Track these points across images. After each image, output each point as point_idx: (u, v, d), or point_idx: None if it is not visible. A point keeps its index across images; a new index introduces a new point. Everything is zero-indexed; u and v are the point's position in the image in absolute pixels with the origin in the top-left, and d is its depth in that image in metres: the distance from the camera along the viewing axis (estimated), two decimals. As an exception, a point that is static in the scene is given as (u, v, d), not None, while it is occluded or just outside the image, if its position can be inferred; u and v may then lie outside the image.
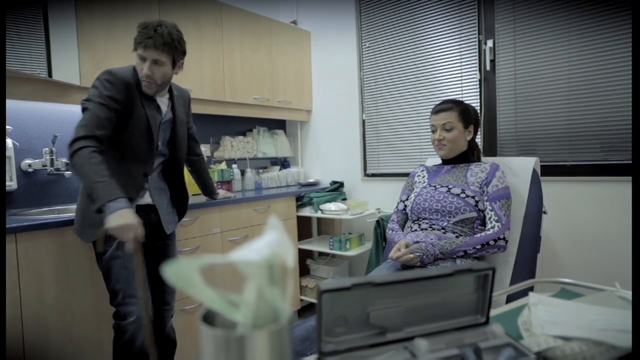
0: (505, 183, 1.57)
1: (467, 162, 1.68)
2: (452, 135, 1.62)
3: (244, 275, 0.31)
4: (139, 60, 1.43)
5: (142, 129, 1.47)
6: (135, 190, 1.49)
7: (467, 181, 1.60)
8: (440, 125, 1.64)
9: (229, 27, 2.56)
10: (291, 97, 3.01)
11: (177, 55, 1.50)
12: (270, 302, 0.30)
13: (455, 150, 1.66)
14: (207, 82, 2.44)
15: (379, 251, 2.45)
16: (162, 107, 1.56)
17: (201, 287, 0.28)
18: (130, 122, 1.45)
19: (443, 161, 1.74)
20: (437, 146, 1.67)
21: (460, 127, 1.64)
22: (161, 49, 1.41)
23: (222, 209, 2.22)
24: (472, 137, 1.69)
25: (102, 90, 1.38)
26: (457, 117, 1.63)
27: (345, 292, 0.48)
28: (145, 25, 1.42)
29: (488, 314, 0.58)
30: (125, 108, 1.43)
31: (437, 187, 1.62)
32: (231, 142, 2.85)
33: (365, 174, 2.93)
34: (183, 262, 0.27)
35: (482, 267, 0.57)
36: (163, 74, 1.47)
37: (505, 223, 1.49)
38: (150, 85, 1.46)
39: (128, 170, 1.47)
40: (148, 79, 1.44)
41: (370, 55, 2.84)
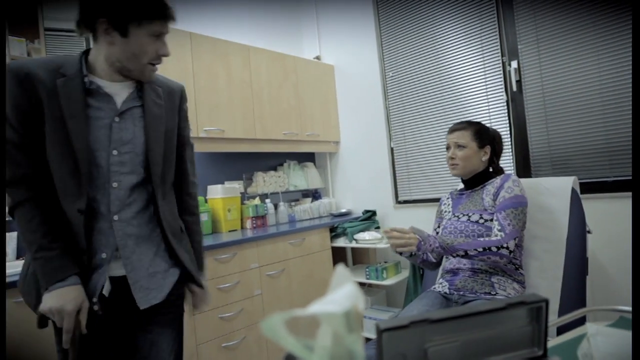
0: (515, 192, 1.51)
1: (483, 182, 1.66)
2: (463, 153, 1.62)
3: (317, 321, 0.34)
4: (147, 39, 0.99)
5: (60, 138, 0.96)
6: (75, 239, 0.98)
7: (483, 204, 1.58)
8: (454, 143, 1.65)
9: (256, 68, 2.69)
10: (319, 129, 3.09)
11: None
12: (349, 347, 0.32)
13: (469, 169, 1.64)
14: (239, 121, 2.56)
15: (417, 279, 2.42)
16: (114, 95, 1.03)
17: (285, 336, 0.32)
18: (46, 132, 0.96)
19: (463, 184, 1.73)
20: (450, 165, 1.67)
21: (474, 146, 1.62)
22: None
23: (259, 244, 2.27)
24: (488, 158, 1.67)
25: (6, 105, 0.94)
26: (470, 136, 1.63)
27: (403, 330, 0.49)
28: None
29: (545, 347, 0.57)
30: (36, 112, 0.95)
31: (460, 216, 1.61)
32: (263, 177, 2.93)
33: (397, 201, 2.93)
34: (273, 318, 0.31)
35: (534, 300, 0.57)
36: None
37: (508, 232, 1.43)
38: (155, 69, 1.07)
39: (62, 212, 0.98)
40: (161, 60, 1.06)
41: (395, 83, 2.90)
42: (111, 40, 0.98)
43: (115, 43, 0.98)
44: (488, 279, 1.46)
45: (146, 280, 1.04)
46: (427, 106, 2.73)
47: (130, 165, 1.03)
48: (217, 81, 2.46)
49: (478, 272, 1.49)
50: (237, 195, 2.67)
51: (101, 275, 1.00)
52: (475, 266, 1.50)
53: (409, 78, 2.81)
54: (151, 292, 1.04)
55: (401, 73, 2.85)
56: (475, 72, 2.49)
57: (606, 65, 2.02)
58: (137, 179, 1.05)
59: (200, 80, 2.37)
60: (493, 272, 1.48)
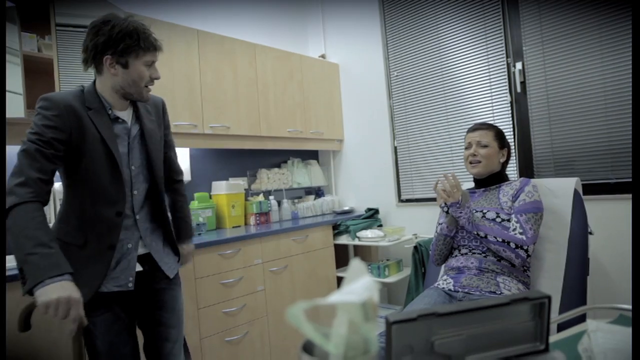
0: (535, 198, 1.56)
1: (499, 182, 1.69)
2: (486, 151, 1.65)
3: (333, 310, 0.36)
4: (143, 67, 1.24)
5: (100, 157, 1.20)
6: (110, 235, 1.22)
7: (500, 203, 1.60)
8: (476, 141, 1.67)
9: (262, 66, 2.71)
10: (323, 127, 3.10)
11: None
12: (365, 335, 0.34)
13: (489, 169, 1.67)
14: (244, 118, 2.58)
15: (418, 277, 2.44)
16: (127, 122, 1.29)
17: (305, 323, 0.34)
18: (85, 154, 1.18)
19: (475, 183, 1.75)
20: (470, 162, 1.69)
21: (496, 146, 1.67)
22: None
23: (263, 240, 2.29)
24: (505, 161, 1.71)
25: (37, 122, 1.13)
26: (493, 137, 1.68)
27: (411, 323, 0.52)
28: (136, 28, 1.22)
29: (547, 341, 0.60)
30: (74, 138, 1.16)
31: (473, 212, 1.63)
32: (267, 174, 2.95)
33: (399, 199, 2.95)
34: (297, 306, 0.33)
35: (537, 296, 0.59)
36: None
37: (530, 237, 1.48)
38: (150, 89, 1.31)
39: (97, 214, 1.20)
40: (154, 82, 1.30)
41: (399, 83, 2.91)
42: (115, 72, 1.21)
43: (118, 74, 1.22)
44: (494, 278, 1.48)
45: (165, 258, 1.37)
46: (431, 106, 2.74)
47: (142, 176, 1.31)
48: (223, 78, 2.48)
49: (484, 271, 1.51)
50: (241, 191, 2.69)
51: (131, 260, 1.27)
52: (482, 265, 1.52)
53: (414, 78, 2.82)
54: (171, 266, 1.39)
55: (406, 72, 2.86)
56: (480, 73, 2.50)
57: (609, 67, 2.03)
58: (147, 186, 1.33)
59: (207, 77, 2.39)
60: (499, 272, 1.50)
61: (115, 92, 1.25)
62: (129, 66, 1.22)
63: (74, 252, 1.15)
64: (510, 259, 1.48)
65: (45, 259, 1.00)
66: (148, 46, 1.23)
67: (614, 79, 2.02)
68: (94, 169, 1.19)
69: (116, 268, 1.24)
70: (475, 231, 1.52)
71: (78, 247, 1.18)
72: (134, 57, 1.21)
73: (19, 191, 1.05)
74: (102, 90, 1.24)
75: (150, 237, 1.33)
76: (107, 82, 1.23)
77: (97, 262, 1.19)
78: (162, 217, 1.38)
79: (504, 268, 1.50)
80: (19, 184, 1.06)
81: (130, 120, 1.30)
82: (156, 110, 1.40)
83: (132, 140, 1.29)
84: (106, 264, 1.21)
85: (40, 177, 1.09)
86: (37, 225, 1.03)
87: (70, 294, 0.98)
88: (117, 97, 1.25)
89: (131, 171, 1.28)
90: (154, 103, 1.40)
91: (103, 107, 1.23)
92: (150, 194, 1.34)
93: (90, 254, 1.19)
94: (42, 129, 1.12)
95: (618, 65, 2.01)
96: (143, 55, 1.23)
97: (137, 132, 1.31)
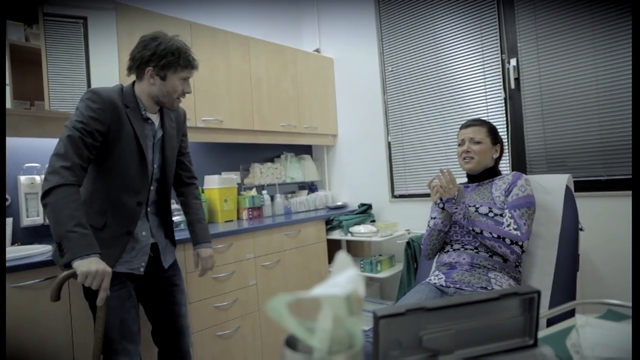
0: (528, 192, 1.57)
1: (492, 177, 1.69)
2: (479, 148, 1.66)
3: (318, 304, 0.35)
4: (178, 82, 1.41)
5: (132, 151, 1.36)
6: (130, 222, 1.38)
7: (492, 197, 1.60)
8: (469, 138, 1.67)
9: (256, 59, 2.68)
10: (317, 122, 3.09)
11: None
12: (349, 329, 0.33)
13: (482, 164, 1.68)
14: (237, 112, 2.55)
15: (410, 272, 2.44)
16: (155, 124, 1.47)
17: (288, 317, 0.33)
18: (118, 146, 1.33)
19: (468, 178, 1.75)
20: (463, 159, 1.69)
21: (489, 142, 1.68)
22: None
23: (255, 235, 2.28)
24: (498, 156, 1.71)
25: (84, 112, 1.27)
26: (486, 133, 1.69)
27: (399, 318, 0.51)
28: (180, 47, 1.40)
29: (536, 336, 0.59)
30: (112, 130, 1.31)
31: (468, 208, 1.63)
32: (260, 168, 2.94)
33: (393, 195, 2.95)
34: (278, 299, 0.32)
35: (527, 291, 0.59)
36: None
37: (524, 232, 1.49)
38: (181, 101, 1.49)
39: (120, 201, 1.36)
40: (185, 95, 1.47)
41: (394, 78, 2.90)
42: (153, 82, 1.39)
43: (156, 84, 1.39)
44: (485, 274, 1.49)
45: (164, 251, 1.52)
46: (426, 102, 2.73)
47: (158, 174, 1.48)
48: (216, 71, 2.46)
49: (476, 266, 1.51)
50: (234, 185, 2.67)
51: (144, 247, 1.43)
52: (474, 261, 1.52)
53: (408, 73, 2.81)
54: (167, 258, 1.54)
55: (400, 68, 2.85)
56: (475, 69, 2.50)
57: (603, 65, 2.04)
58: (158, 184, 1.49)
59: (200, 70, 2.32)
60: (491, 268, 1.50)
61: (150, 98, 1.42)
62: (166, 79, 1.39)
63: (92, 233, 1.24)
64: (505, 255, 1.49)
65: (83, 238, 1.17)
66: (186, 64, 1.41)
67: (607, 76, 2.03)
68: (124, 160, 1.34)
69: (131, 252, 1.40)
70: (470, 227, 1.52)
71: (97, 229, 1.30)
72: (172, 72, 1.39)
73: (64, 173, 1.19)
74: (140, 93, 1.42)
75: (157, 229, 1.50)
76: (145, 88, 1.41)
77: (113, 245, 1.33)
78: (166, 214, 1.54)
79: (495, 264, 1.51)
80: (65, 167, 1.20)
81: (157, 125, 1.47)
82: (177, 118, 1.58)
83: (156, 142, 1.47)
84: (122, 248, 1.36)
85: (81, 163, 1.24)
86: (77, 207, 1.18)
87: (104, 267, 1.18)
88: (151, 102, 1.43)
89: (153, 168, 1.45)
90: (176, 113, 1.58)
91: (138, 107, 1.40)
92: (159, 191, 1.50)
93: (108, 237, 1.33)
94: (87, 119, 1.26)
95: (611, 63, 2.01)
96: (181, 71, 1.41)
97: (160, 136, 1.48)
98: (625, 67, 1.98)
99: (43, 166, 1.93)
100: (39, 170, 1.92)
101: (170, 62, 1.37)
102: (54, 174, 1.19)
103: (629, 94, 1.98)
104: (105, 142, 1.31)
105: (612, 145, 2.04)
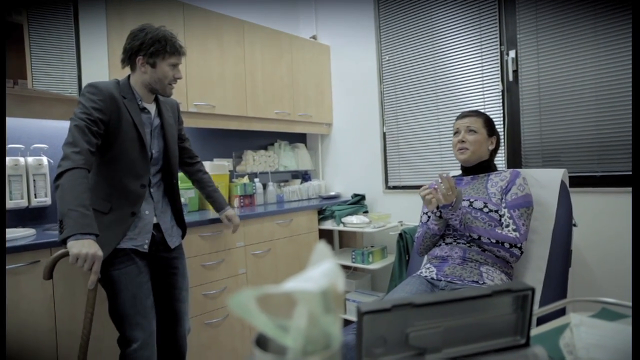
0: (526, 191, 1.54)
1: (487, 172, 1.66)
2: (475, 137, 1.62)
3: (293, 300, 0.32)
4: (168, 68, 1.50)
5: (132, 138, 1.46)
6: (134, 203, 1.47)
7: (488, 193, 1.58)
8: (465, 127, 1.64)
9: (250, 44, 2.62)
10: (312, 110, 3.04)
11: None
12: (324, 329, 0.30)
13: (477, 156, 1.64)
14: (230, 98, 2.50)
15: (402, 264, 2.43)
16: (151, 114, 1.57)
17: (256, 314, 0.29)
18: (119, 135, 1.43)
19: (463, 171, 1.73)
20: (458, 149, 1.66)
21: (484, 133, 1.65)
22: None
23: (245, 223, 2.24)
24: (494, 149, 1.68)
25: (86, 104, 1.37)
26: (482, 124, 1.65)
27: (385, 313, 0.48)
28: (166, 35, 1.49)
29: (528, 336, 0.57)
30: (112, 120, 1.42)
31: (465, 214, 1.60)
32: (253, 156, 2.89)
33: (386, 186, 2.92)
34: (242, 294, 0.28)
35: (521, 287, 0.56)
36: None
37: (523, 233, 1.46)
38: (173, 87, 1.57)
39: (125, 186, 1.45)
40: (176, 81, 1.56)
41: (390, 68, 2.85)
42: (144, 70, 1.49)
43: (147, 72, 1.49)
44: (477, 267, 1.47)
45: (170, 231, 1.61)
46: (422, 92, 2.69)
47: (158, 158, 1.58)
48: (209, 55, 2.39)
49: (468, 260, 1.49)
50: (225, 172, 2.63)
51: (147, 224, 1.52)
52: (467, 255, 1.50)
53: (405, 63, 2.76)
54: (173, 238, 1.62)
55: (398, 57, 2.80)
56: (473, 60, 2.46)
57: (603, 62, 2.01)
58: (160, 167, 1.59)
59: (192, 53, 2.29)
60: (483, 262, 1.48)
61: (144, 87, 1.51)
62: (156, 66, 1.48)
63: (98, 217, 1.33)
64: (505, 258, 1.47)
65: (83, 218, 1.22)
66: (173, 51, 1.50)
67: (606, 72, 2.00)
68: (126, 147, 1.44)
69: (134, 230, 1.47)
70: (467, 233, 1.48)
71: (103, 214, 1.40)
72: (160, 59, 1.48)
73: (75, 157, 1.28)
74: (135, 84, 1.51)
75: (161, 210, 1.58)
76: (139, 78, 1.50)
77: (118, 226, 1.41)
78: (173, 197, 1.63)
79: (487, 258, 1.49)
80: (75, 152, 1.29)
81: (154, 114, 1.57)
82: (173, 109, 1.68)
83: (154, 130, 1.56)
84: (126, 228, 1.44)
85: (89, 148, 1.32)
86: (83, 189, 1.26)
87: (95, 250, 1.22)
88: (146, 91, 1.52)
89: (152, 153, 1.54)
90: (171, 104, 1.68)
91: (134, 98, 1.50)
92: (163, 175, 1.60)
93: (113, 219, 1.41)
94: (90, 110, 1.36)
95: (611, 59, 1.98)
96: (168, 57, 1.49)
97: (158, 124, 1.58)
98: (625, 63, 1.95)
99: (27, 147, 1.88)
100: (23, 152, 1.86)
101: (157, 49, 1.46)
102: (65, 159, 1.28)
103: (627, 90, 1.95)
104: (107, 132, 1.41)
105: (608, 142, 2.01)
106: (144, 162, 1.49)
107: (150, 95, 1.55)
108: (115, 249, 1.40)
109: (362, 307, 0.46)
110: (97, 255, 1.23)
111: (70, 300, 1.56)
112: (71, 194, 1.23)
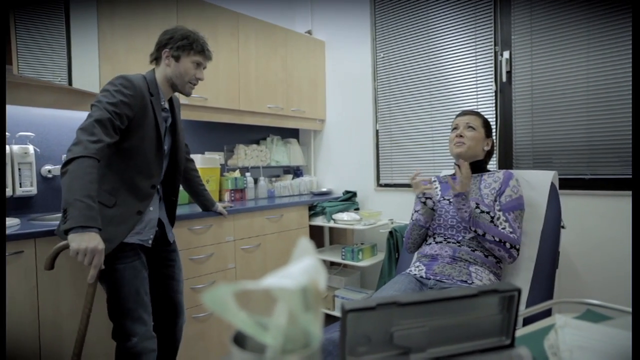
0: (520, 193, 1.56)
1: (481, 172, 1.67)
2: (473, 134, 1.64)
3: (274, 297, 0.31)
4: (191, 65, 1.52)
5: (151, 138, 1.44)
6: (141, 202, 1.44)
7: (481, 193, 1.58)
8: (464, 124, 1.66)
9: (245, 37, 2.59)
10: (305, 106, 3.02)
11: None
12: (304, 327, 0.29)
13: (472, 152, 1.65)
14: (223, 90, 2.47)
15: (392, 262, 2.43)
16: (167, 112, 1.56)
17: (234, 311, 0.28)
18: (139, 132, 1.40)
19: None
20: (455, 144, 1.66)
21: (482, 132, 1.67)
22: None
23: (235, 217, 2.23)
24: (489, 150, 1.69)
25: (116, 95, 1.34)
26: (481, 123, 1.68)
27: (369, 312, 0.47)
28: (196, 35, 1.53)
29: (513, 336, 0.56)
30: (137, 117, 1.39)
31: (451, 200, 1.60)
32: (245, 150, 2.87)
33: (378, 184, 2.92)
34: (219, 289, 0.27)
35: (507, 288, 0.55)
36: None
37: (519, 236, 1.48)
38: (194, 87, 1.59)
39: (135, 183, 1.42)
40: (198, 81, 1.57)
41: (385, 66, 2.84)
42: (168, 63, 1.51)
43: (171, 65, 1.51)
44: (466, 267, 1.47)
45: (168, 226, 1.64)
46: (416, 90, 2.69)
47: (169, 156, 1.58)
48: (202, 46, 2.36)
49: (458, 259, 1.50)
50: (217, 166, 2.61)
51: (152, 220, 1.51)
52: (456, 254, 1.50)
53: (400, 60, 2.75)
54: (170, 233, 1.65)
55: (392, 55, 2.79)
56: (467, 60, 2.46)
57: (595, 65, 2.02)
58: (167, 164, 1.58)
59: (185, 44, 2.26)
60: (472, 262, 1.49)
61: (166, 82, 1.52)
62: (179, 60, 1.50)
63: (101, 210, 1.28)
64: (502, 258, 1.48)
65: (87, 210, 1.18)
66: (199, 49, 1.52)
67: (598, 76, 2.01)
68: (144, 146, 1.42)
69: (141, 224, 1.46)
70: (473, 227, 1.48)
71: (106, 207, 1.35)
72: (185, 55, 1.50)
73: (88, 145, 1.23)
74: (159, 79, 1.51)
75: (160, 205, 1.58)
76: (162, 72, 1.51)
77: (122, 223, 1.38)
78: (173, 195, 1.63)
79: (477, 258, 1.49)
80: (91, 141, 1.24)
81: (168, 112, 1.56)
82: (178, 106, 1.67)
83: (167, 128, 1.55)
84: (131, 226, 1.40)
85: (107, 142, 1.28)
86: (92, 179, 1.21)
87: (96, 245, 1.19)
88: (167, 87, 1.53)
89: (164, 152, 1.52)
90: (177, 100, 1.67)
91: (159, 96, 1.49)
92: (168, 172, 1.59)
93: (116, 214, 1.37)
94: (119, 103, 1.33)
95: (604, 62, 1.99)
96: (193, 55, 1.51)
97: (170, 121, 1.57)
98: (617, 67, 1.96)
99: (13, 135, 1.84)
100: (8, 140, 1.82)
101: (184, 45, 1.49)
102: (77, 145, 1.23)
103: (619, 94, 1.96)
104: (128, 127, 1.38)
105: (598, 145, 2.03)
106: (159, 163, 1.48)
107: (170, 93, 1.55)
108: (122, 243, 1.38)
109: (346, 305, 0.45)
110: (98, 249, 1.20)
111: (55, 292, 1.54)
112: (79, 183, 1.18)
